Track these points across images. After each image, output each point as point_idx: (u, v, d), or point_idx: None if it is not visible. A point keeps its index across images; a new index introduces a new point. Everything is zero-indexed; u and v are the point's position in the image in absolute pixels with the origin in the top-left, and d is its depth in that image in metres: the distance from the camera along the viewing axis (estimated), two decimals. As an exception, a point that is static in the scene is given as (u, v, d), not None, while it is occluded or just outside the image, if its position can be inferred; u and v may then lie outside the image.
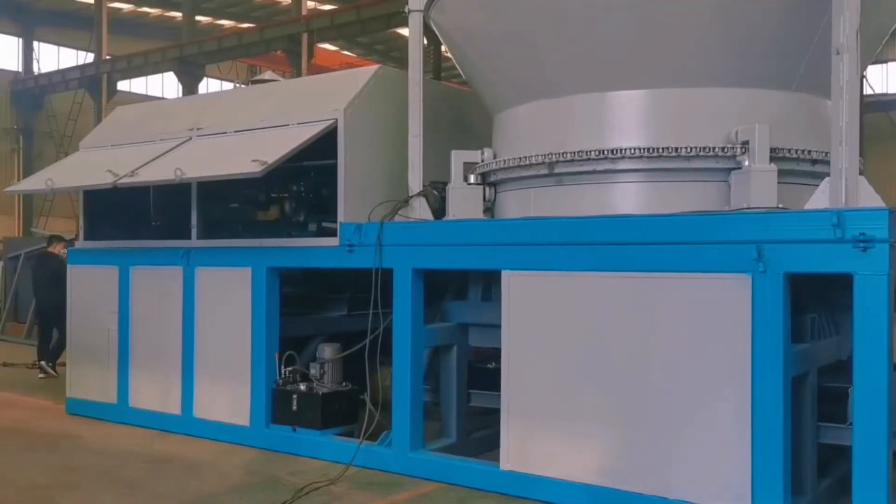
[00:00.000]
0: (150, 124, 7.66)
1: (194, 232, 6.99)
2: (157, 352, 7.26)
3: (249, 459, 6.25)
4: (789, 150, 4.99)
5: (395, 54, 30.85)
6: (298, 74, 20.20)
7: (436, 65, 20.30)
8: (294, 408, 6.38)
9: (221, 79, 31.85)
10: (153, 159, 6.84)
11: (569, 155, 5.33)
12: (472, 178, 6.09)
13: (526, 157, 5.58)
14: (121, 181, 6.63)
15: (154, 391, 7.27)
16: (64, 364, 8.34)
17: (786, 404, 4.33)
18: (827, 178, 4.51)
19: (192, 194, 6.99)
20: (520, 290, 5.25)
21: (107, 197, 7.32)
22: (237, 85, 29.45)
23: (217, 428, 6.78)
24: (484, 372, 6.42)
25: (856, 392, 4.11)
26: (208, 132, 7.00)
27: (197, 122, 7.16)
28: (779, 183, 4.86)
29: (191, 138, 7.07)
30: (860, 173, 4.66)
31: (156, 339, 7.27)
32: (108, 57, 26.06)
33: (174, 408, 7.09)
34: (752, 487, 4.36)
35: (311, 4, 24.77)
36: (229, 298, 6.74)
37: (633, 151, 5.14)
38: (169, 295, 7.13)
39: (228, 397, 6.74)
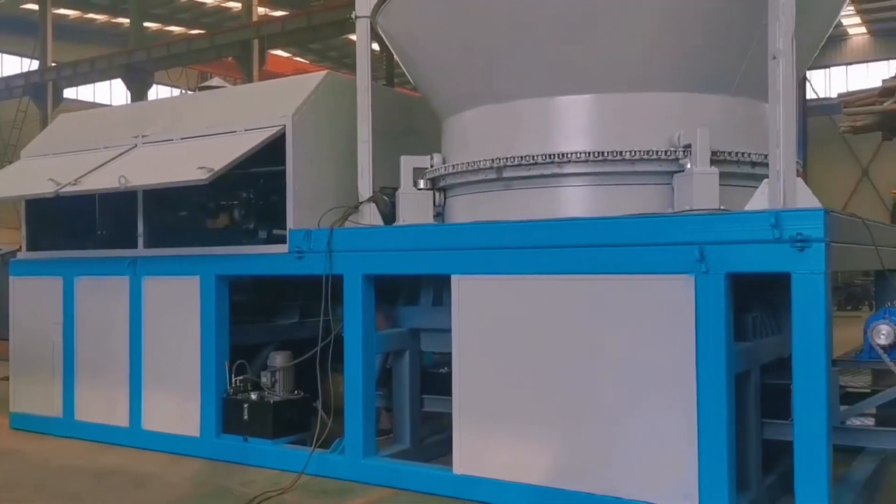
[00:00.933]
0: (94, 132, 7.53)
1: (141, 241, 6.88)
2: (103, 363, 7.12)
3: (199, 470, 6.16)
4: (730, 153, 5.11)
5: (348, 60, 30.84)
6: (250, 81, 20.03)
7: (388, 71, 20.31)
8: (245, 417, 6.31)
9: (171, 85, 31.45)
10: (97, 167, 6.72)
11: (516, 160, 5.38)
12: (421, 184, 6.11)
13: (474, 163, 5.61)
14: (63, 190, 6.50)
15: (100, 403, 7.12)
16: (6, 378, 8.14)
17: (730, 402, 4.41)
18: (766, 180, 4.62)
19: (138, 202, 6.89)
20: (469, 293, 5.27)
21: (50, 206, 7.16)
22: (185, 92, 29.07)
23: (166, 439, 6.67)
24: (437, 376, 6.44)
25: (795, 388, 4.21)
26: (154, 139, 6.90)
27: (142, 130, 7.05)
28: (720, 185, 4.96)
29: (136, 145, 6.96)
30: (798, 175, 4.77)
31: (102, 351, 7.13)
32: (53, 64, 25.61)
33: (121, 420, 6.96)
34: (698, 484, 4.42)
35: (262, 10, 24.59)
36: (177, 308, 6.65)
37: (578, 155, 5.21)
38: (115, 305, 7.00)
39: (177, 408, 6.64)
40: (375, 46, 7.57)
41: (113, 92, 32.91)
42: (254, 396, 6.37)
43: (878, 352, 4.60)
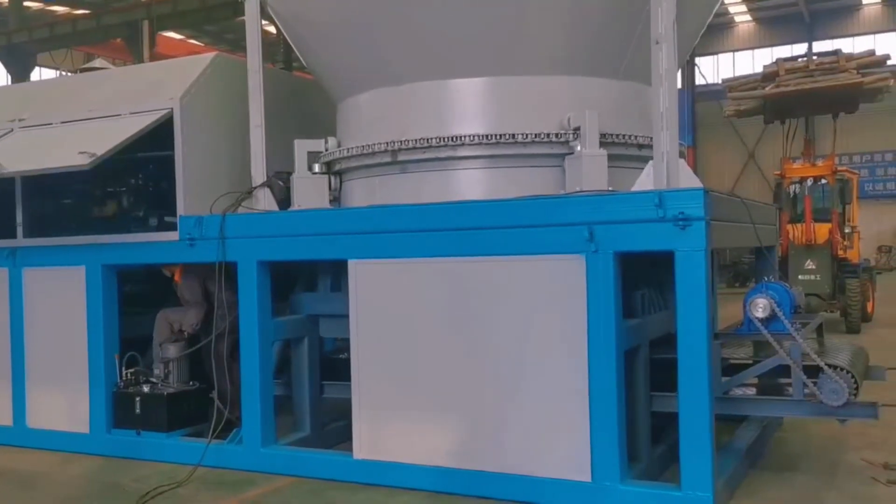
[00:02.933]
0: (-35, 116, 7.09)
1: (20, 230, 6.54)
2: (-18, 361, 6.76)
3: (90, 468, 5.94)
4: (617, 136, 5.24)
5: (245, 43, 30.00)
6: (139, 63, 19.28)
7: (286, 54, 19.92)
8: (137, 410, 6.11)
9: (55, 68, 29.93)
10: (-30, 153, 6.34)
11: (411, 143, 5.37)
12: (316, 168, 6.03)
13: (369, 146, 5.58)
14: (-69, 178, 6.11)
15: (-21, 402, 6.76)
16: None
17: (620, 376, 4.56)
18: (651, 162, 4.77)
19: (16, 190, 6.54)
20: (366, 278, 5.25)
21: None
22: (65, 74, 27.79)
23: (54, 437, 6.40)
24: (337, 363, 6.40)
25: (679, 361, 4.38)
26: (32, 123, 6.56)
27: (19, 113, 6.69)
28: (609, 167, 5.09)
29: (12, 130, 6.61)
30: (682, 157, 4.95)
31: (-19, 349, 6.77)
32: (-77, 44, 23.93)
33: (4, 419, 6.63)
34: (591, 457, 4.56)
35: (152, -10, 23.61)
36: (62, 299, 6.37)
37: (472, 138, 5.25)
38: (-6, 299, 6.65)
39: (65, 404, 6.37)
40: (272, 29, 7.43)
41: (-8, 74, 31.11)
42: (146, 389, 6.17)
43: (756, 324, 4.83)
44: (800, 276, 13.03)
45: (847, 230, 14.47)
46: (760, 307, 4.79)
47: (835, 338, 7.30)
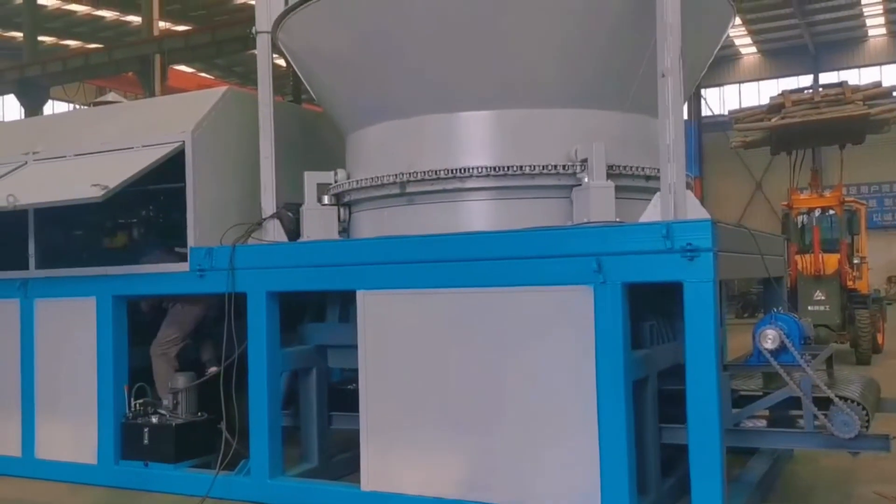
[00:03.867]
0: (-20, 149, 7.19)
1: (32, 262, 6.60)
2: (-8, 391, 6.78)
3: (97, 499, 5.94)
4: (624, 167, 5.28)
5: (254, 76, 30.35)
6: (151, 96, 19.52)
7: (295, 87, 20.14)
8: (145, 441, 6.11)
9: (68, 101, 30.32)
10: (-16, 185, 6.42)
11: (419, 175, 5.41)
12: (326, 199, 6.08)
13: (378, 178, 5.62)
14: (-54, 210, 6.17)
15: (-11, 433, 6.77)
16: None
17: (629, 408, 4.54)
18: (658, 193, 4.79)
19: (29, 222, 6.60)
20: (375, 309, 5.27)
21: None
22: (81, 107, 28.14)
23: (62, 468, 6.39)
24: (345, 394, 6.39)
25: (688, 393, 4.37)
26: (46, 156, 6.65)
27: (34, 146, 6.78)
28: (617, 198, 5.12)
29: (26, 163, 6.69)
30: (688, 188, 4.98)
31: (-10, 378, 6.79)
32: (-60, 78, 24.30)
33: (13, 450, 6.63)
34: (600, 489, 4.53)
35: (164, 25, 24.02)
36: (72, 330, 6.40)
37: (480, 170, 5.29)
38: (5, 330, 6.68)
39: (73, 435, 6.37)
40: (282, 62, 7.53)
41: (5, 107, 31.53)
42: (154, 420, 6.17)
43: (766, 356, 4.81)
44: (809, 307, 12.97)
45: (856, 261, 14.43)
46: (770, 338, 4.78)
47: (845, 369, 7.27)
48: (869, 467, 5.96)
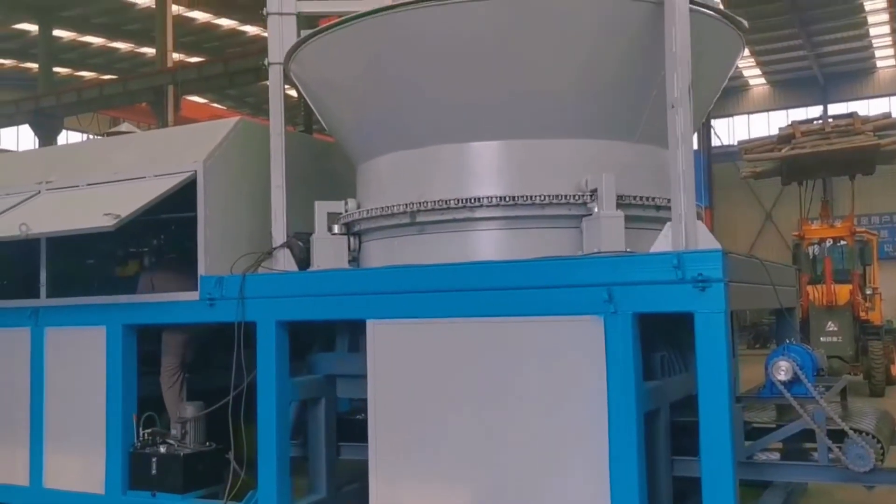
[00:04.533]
0: (-6, 177, 7.26)
1: (43, 290, 6.63)
2: (1, 420, 6.77)
3: (104, 530, 5.90)
4: (634, 198, 5.27)
5: (266, 107, 30.63)
6: (164, 127, 19.71)
7: (307, 117, 20.31)
8: (153, 471, 6.08)
9: (82, 131, 30.65)
10: (-3, 214, 6.48)
11: (429, 204, 5.42)
12: (336, 229, 6.09)
13: (388, 207, 5.64)
14: (-41, 239, 6.22)
15: (-2, 462, 6.76)
16: None
17: (640, 439, 4.49)
18: (669, 223, 4.79)
19: (41, 250, 6.65)
20: (384, 338, 5.25)
21: (-54, 255, 6.86)
22: (94, 137, 28.43)
23: (69, 498, 6.36)
24: (354, 424, 6.35)
25: (701, 425, 4.32)
26: (59, 185, 6.70)
27: (47, 176, 6.84)
28: (627, 228, 5.11)
29: (39, 192, 6.75)
30: (699, 218, 4.97)
31: (1, 407, 6.79)
32: (-44, 108, 24.66)
33: (21, 479, 6.61)
34: (612, 523, 4.47)
35: (177, 56, 24.33)
36: (82, 359, 6.40)
37: (490, 200, 5.30)
38: (15, 358, 6.70)
39: (81, 464, 6.35)
40: (294, 93, 7.61)
41: (20, 137, 31.89)
42: (163, 449, 6.15)
43: (779, 387, 4.77)
44: (821, 338, 12.88)
45: (868, 291, 14.35)
46: (783, 370, 4.74)
47: (859, 401, 7.19)
48: (884, 501, 5.87)
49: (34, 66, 27.92)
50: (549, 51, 5.18)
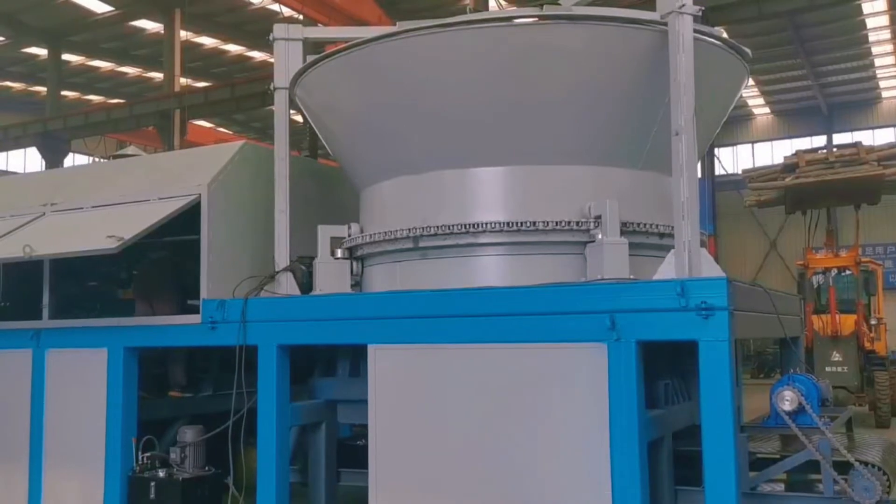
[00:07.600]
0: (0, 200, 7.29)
1: (46, 312, 6.62)
2: (1, 443, 6.73)
3: (100, 555, 5.83)
4: (638, 224, 5.26)
5: (272, 132, 30.79)
6: (170, 150, 19.81)
7: (312, 142, 20.40)
8: (152, 496, 6.02)
9: (89, 154, 30.81)
10: (1, 236, 6.49)
11: (432, 229, 5.42)
12: (339, 253, 6.08)
13: (391, 232, 5.64)
14: (-37, 260, 6.24)
15: (-4, 486, 6.71)
16: None
17: (643, 469, 4.44)
18: (672, 251, 4.77)
19: (44, 272, 6.65)
20: (386, 363, 5.22)
21: (-50, 276, 6.86)
22: (98, 160, 28.57)
23: (66, 522, 6.31)
24: (354, 449, 6.30)
25: (705, 454, 4.27)
26: (63, 207, 6.72)
27: (52, 198, 6.86)
28: (630, 255, 5.09)
29: (44, 214, 6.76)
30: (703, 246, 4.95)
31: (1, 430, 6.75)
32: (-36, 131, 24.82)
33: (20, 502, 6.55)
34: (614, 553, 4.41)
35: (184, 81, 24.51)
36: (83, 382, 6.37)
37: (493, 226, 5.29)
38: (16, 380, 6.67)
39: (80, 489, 6.30)
40: (299, 118, 7.65)
41: (27, 160, 32.08)
42: (161, 474, 6.10)
43: (783, 417, 4.72)
44: (826, 368, 12.80)
45: (873, 321, 14.27)
46: (788, 400, 4.70)
47: (864, 432, 7.11)
48: (891, 535, 5.77)
49: (43, 89, 28.13)
50: (553, 78, 5.20)
